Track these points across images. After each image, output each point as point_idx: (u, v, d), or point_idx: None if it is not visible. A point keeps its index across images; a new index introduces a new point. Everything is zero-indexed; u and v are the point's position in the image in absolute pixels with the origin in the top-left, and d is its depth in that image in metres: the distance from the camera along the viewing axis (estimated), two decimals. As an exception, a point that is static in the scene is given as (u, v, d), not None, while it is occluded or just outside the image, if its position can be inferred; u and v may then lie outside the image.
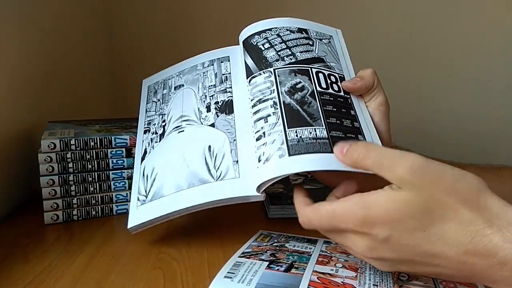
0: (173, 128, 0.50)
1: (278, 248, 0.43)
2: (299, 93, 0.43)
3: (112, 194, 0.56)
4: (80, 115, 0.85)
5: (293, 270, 0.38)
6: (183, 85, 0.54)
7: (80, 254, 0.45)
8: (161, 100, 0.55)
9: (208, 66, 0.53)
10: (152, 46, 1.09)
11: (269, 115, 0.42)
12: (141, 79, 0.61)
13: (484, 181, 0.31)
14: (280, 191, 0.61)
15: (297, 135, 0.39)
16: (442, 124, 1.05)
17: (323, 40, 0.49)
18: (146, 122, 0.55)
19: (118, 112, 1.10)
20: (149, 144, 0.51)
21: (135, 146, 0.56)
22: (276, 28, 0.49)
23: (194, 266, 0.43)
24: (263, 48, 0.47)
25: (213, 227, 0.53)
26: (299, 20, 0.50)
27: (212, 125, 0.48)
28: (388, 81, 0.49)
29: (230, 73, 0.51)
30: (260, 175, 0.40)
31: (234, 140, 0.45)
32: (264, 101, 0.43)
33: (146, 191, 0.48)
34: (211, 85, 0.51)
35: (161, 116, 0.53)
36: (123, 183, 0.56)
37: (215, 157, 0.45)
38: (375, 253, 0.32)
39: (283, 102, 0.42)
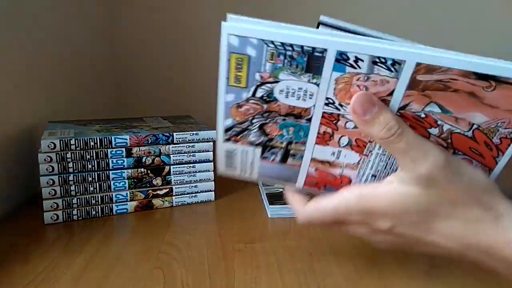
0: None
1: (265, 100, 0.33)
2: None
3: (112, 194, 0.56)
4: (80, 115, 0.85)
5: (289, 160, 0.35)
6: None
7: (80, 254, 0.45)
8: None
9: None
10: (152, 46, 1.09)
11: None
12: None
13: (494, 182, 0.32)
14: (279, 191, 0.62)
15: None
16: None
17: None
18: None
19: (118, 112, 1.10)
20: None
21: (135, 146, 0.56)
22: None
23: (194, 266, 0.43)
24: None
25: (213, 227, 0.53)
26: None
27: None
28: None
29: None
30: None
31: None
32: None
33: None
34: None
35: None
36: (123, 183, 0.56)
37: None
38: (377, 237, 0.34)
39: None
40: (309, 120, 0.33)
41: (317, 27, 0.32)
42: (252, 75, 0.31)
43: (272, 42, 0.29)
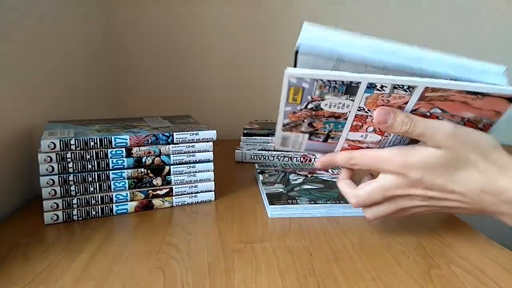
0: None
1: (314, 109, 0.43)
2: None
3: (112, 194, 0.56)
4: (80, 115, 0.85)
5: (329, 140, 0.47)
6: None
7: (80, 254, 0.45)
8: None
9: None
10: (152, 46, 1.09)
11: None
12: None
13: (496, 140, 0.42)
14: (280, 191, 0.61)
15: None
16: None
17: None
18: None
19: (118, 112, 1.10)
20: None
21: (135, 146, 0.56)
22: None
23: (194, 266, 0.43)
24: None
25: (213, 227, 0.53)
26: None
27: None
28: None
29: None
30: None
31: None
32: None
33: None
34: None
35: None
36: (123, 183, 0.56)
37: None
38: (410, 190, 0.43)
39: None
40: (346, 119, 0.44)
41: (295, 55, 0.42)
42: (305, 97, 0.41)
43: (321, 80, 0.40)
